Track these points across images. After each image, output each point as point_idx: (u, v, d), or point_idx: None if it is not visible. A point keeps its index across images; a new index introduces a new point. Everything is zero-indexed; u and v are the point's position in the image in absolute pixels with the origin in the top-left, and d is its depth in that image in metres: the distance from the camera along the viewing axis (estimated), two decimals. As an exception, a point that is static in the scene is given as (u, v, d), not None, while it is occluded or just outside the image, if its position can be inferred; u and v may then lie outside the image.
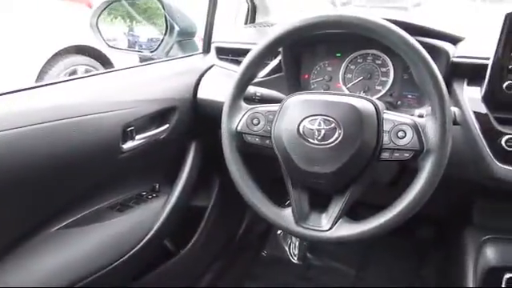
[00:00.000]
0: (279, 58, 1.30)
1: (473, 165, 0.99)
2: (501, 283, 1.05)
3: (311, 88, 1.35)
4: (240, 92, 0.97)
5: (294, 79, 1.33)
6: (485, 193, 1.20)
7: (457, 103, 1.03)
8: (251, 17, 1.66)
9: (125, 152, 1.14)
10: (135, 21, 1.84)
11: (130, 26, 1.89)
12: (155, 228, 1.21)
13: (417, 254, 1.80)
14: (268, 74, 1.33)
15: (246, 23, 1.68)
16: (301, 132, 0.87)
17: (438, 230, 1.69)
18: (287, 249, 2.03)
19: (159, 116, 1.26)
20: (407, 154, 0.83)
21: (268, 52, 0.95)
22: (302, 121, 0.87)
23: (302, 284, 1.84)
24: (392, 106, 1.21)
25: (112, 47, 1.68)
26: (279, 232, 2.07)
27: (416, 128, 0.82)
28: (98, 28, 1.53)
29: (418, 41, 1.08)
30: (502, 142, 0.94)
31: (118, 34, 1.90)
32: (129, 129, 1.14)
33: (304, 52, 1.34)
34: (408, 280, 1.74)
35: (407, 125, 0.83)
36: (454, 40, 1.12)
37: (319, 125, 0.86)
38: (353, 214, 0.92)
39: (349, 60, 1.29)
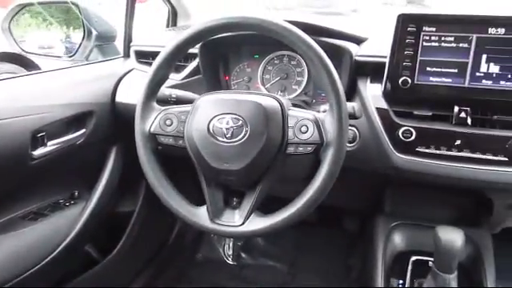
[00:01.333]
0: (198, 59, 1.32)
1: (377, 156, 1.06)
2: (407, 265, 1.13)
3: (232, 89, 1.38)
4: (152, 93, 0.97)
5: (213, 81, 1.35)
6: (392, 183, 1.29)
7: (361, 99, 1.10)
8: (172, 20, 1.66)
9: (36, 159, 1.10)
10: (72, 27, 1.79)
11: (66, 33, 1.84)
12: (72, 235, 1.18)
13: (344, 245, 1.89)
14: (187, 76, 1.34)
15: (167, 26, 1.68)
16: (211, 131, 0.89)
17: (362, 221, 1.77)
18: (221, 250, 2.05)
19: (75, 121, 1.23)
20: (310, 148, 0.87)
21: (177, 53, 0.95)
22: (211, 120, 0.89)
23: (237, 283, 1.87)
24: (307, 104, 1.27)
25: (28, 52, 1.62)
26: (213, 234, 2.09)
27: (317, 123, 0.87)
28: (10, 32, 1.47)
29: (323, 41, 1.15)
30: (400, 134, 1.02)
31: (55, 42, 1.85)
32: (39, 135, 1.10)
33: (224, 54, 1.37)
34: (337, 270, 1.82)
35: (309, 120, 0.87)
36: (358, 40, 1.19)
37: (227, 123, 0.88)
38: (270, 208, 0.95)
39: (266, 61, 1.34)
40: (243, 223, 0.90)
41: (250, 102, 0.89)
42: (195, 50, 1.27)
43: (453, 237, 0.94)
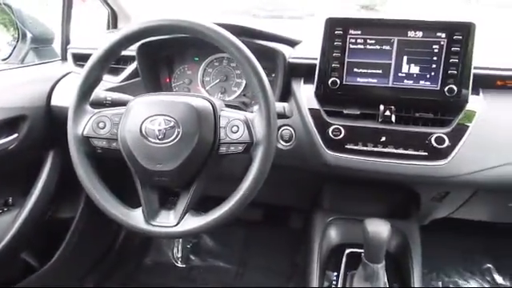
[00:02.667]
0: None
1: (311, 154, 1.10)
2: (342, 258, 1.18)
3: (173, 91, 1.38)
4: (84, 96, 0.96)
5: (153, 83, 1.35)
6: (330, 180, 1.34)
7: (296, 100, 1.14)
8: (112, 23, 1.64)
9: None
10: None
11: (13, 35, 1.77)
12: (5, 242, 1.14)
13: (290, 243, 1.93)
14: (126, 79, 1.33)
15: (108, 29, 1.66)
16: (143, 132, 0.89)
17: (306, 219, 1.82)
18: (170, 254, 2.04)
19: (6, 125, 1.20)
20: (241, 147, 0.89)
21: (110, 55, 0.95)
22: (143, 121, 0.90)
23: (185, 285, 1.87)
24: (246, 105, 1.30)
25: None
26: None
27: (247, 123, 0.89)
28: None
29: (258, 44, 1.18)
30: (330, 132, 1.06)
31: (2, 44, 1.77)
32: None
33: (164, 56, 1.37)
34: (283, 268, 1.86)
35: (240, 120, 0.90)
36: (293, 43, 1.22)
37: (160, 124, 0.89)
38: (210, 208, 0.96)
39: (206, 63, 1.36)
40: (178, 223, 0.91)
41: (182, 104, 0.91)
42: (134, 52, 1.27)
43: (379, 229, 0.99)
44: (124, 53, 0.97)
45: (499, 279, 1.76)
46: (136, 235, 1.93)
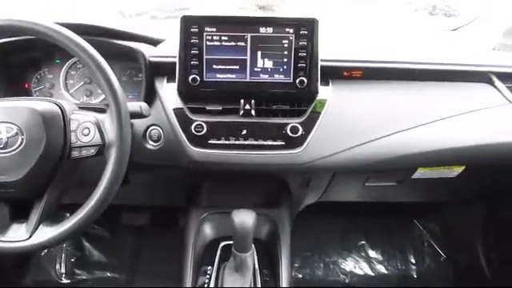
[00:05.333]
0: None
1: (179, 152, 1.10)
2: (217, 251, 1.20)
3: (34, 96, 1.29)
4: None
5: (10, 90, 1.25)
6: (207, 176, 1.36)
7: (160, 99, 1.13)
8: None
9: None
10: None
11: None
12: None
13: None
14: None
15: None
16: None
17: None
18: (53, 270, 1.91)
19: None
20: (93, 150, 0.87)
21: None
22: None
23: None
24: None
25: None
26: (43, 254, 1.94)
27: (97, 124, 0.87)
28: None
29: (115, 43, 1.15)
30: (193, 129, 1.08)
31: None
32: None
33: (20, 60, 1.27)
34: (175, 271, 1.84)
35: (90, 122, 0.87)
36: (154, 41, 1.21)
37: (0, 133, 0.83)
38: None
39: (68, 66, 1.29)
40: (30, 236, 0.86)
41: (25, 109, 0.85)
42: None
43: (245, 219, 1.03)
44: None
45: (372, 253, 1.94)
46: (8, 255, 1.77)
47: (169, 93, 1.13)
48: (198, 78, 1.08)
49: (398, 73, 1.18)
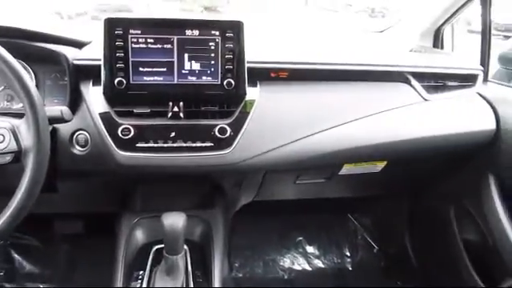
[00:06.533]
0: None
1: (106, 157, 1.08)
2: (150, 255, 1.19)
3: None
4: None
5: None
6: (141, 180, 1.34)
7: (86, 103, 1.10)
8: None
9: None
10: None
11: None
12: None
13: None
14: None
15: None
16: None
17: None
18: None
19: None
20: (8, 157, 0.83)
21: None
22: None
23: None
24: None
25: None
26: None
27: (13, 130, 0.83)
28: None
29: (34, 46, 1.11)
30: (119, 132, 1.06)
31: None
32: None
33: None
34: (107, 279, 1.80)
35: (5, 128, 0.84)
36: (79, 44, 1.18)
37: None
38: None
39: None
40: None
41: None
42: None
43: (174, 221, 1.03)
44: None
45: (310, 249, 2.00)
46: None
47: (95, 96, 1.10)
48: (124, 81, 1.07)
49: (323, 73, 1.23)
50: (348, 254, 2.00)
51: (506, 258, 1.26)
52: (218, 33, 1.08)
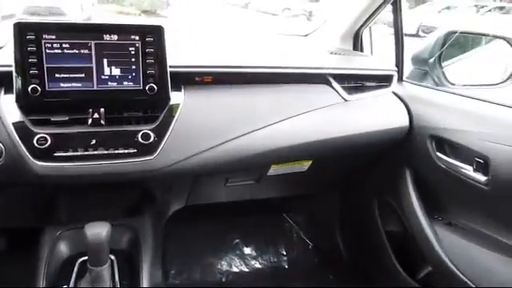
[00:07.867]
0: None
1: (22, 168, 1.02)
2: (74, 267, 1.15)
3: None
4: None
5: None
6: (63, 191, 1.28)
7: None
8: None
9: None
10: None
11: None
12: None
13: None
14: None
15: None
16: None
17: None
18: None
19: None
20: None
21: None
22: None
23: None
24: None
25: None
26: None
27: None
28: None
29: None
30: (35, 142, 1.01)
31: None
32: None
33: None
34: None
35: None
36: None
37: None
38: None
39: None
40: None
41: None
42: None
43: (98, 231, 1.00)
44: None
45: (247, 250, 2.01)
46: None
47: (7, 105, 1.04)
48: (39, 88, 1.02)
49: (247, 77, 1.25)
50: (284, 252, 2.04)
51: (422, 246, 1.34)
52: (137, 37, 1.07)
